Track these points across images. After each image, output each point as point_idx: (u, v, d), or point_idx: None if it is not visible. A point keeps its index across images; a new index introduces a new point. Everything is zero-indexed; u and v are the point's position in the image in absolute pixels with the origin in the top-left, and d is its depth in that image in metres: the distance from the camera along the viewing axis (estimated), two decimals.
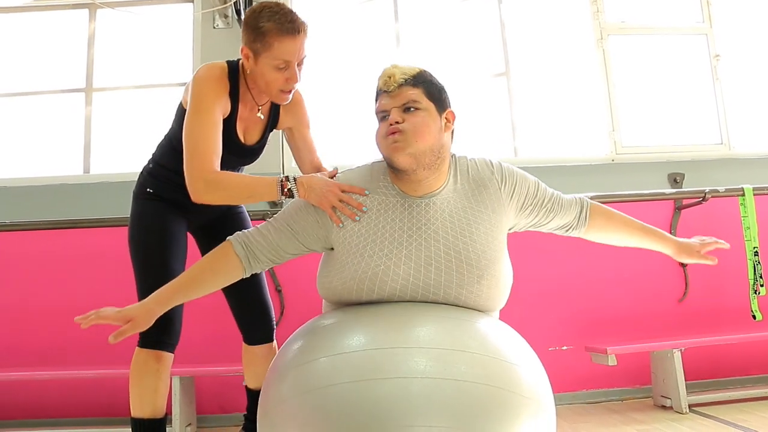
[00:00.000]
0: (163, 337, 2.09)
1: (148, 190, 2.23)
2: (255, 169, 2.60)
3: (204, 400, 3.44)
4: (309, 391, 1.50)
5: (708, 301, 3.68)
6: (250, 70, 2.05)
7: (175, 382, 3.08)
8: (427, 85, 1.81)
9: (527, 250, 3.22)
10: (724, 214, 3.67)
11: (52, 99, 4.30)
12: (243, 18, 2.06)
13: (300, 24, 1.99)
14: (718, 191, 3.59)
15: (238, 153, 2.19)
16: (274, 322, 2.37)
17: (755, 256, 3.47)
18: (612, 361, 3.13)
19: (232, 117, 2.11)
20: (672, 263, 3.67)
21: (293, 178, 1.89)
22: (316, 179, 1.87)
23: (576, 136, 4.32)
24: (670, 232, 3.64)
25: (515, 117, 4.29)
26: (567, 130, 4.34)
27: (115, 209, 3.54)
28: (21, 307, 3.52)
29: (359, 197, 1.83)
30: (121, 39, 4.36)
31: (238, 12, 3.98)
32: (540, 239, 2.35)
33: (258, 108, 2.19)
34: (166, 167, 2.21)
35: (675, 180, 4.07)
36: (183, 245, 2.22)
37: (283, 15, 1.96)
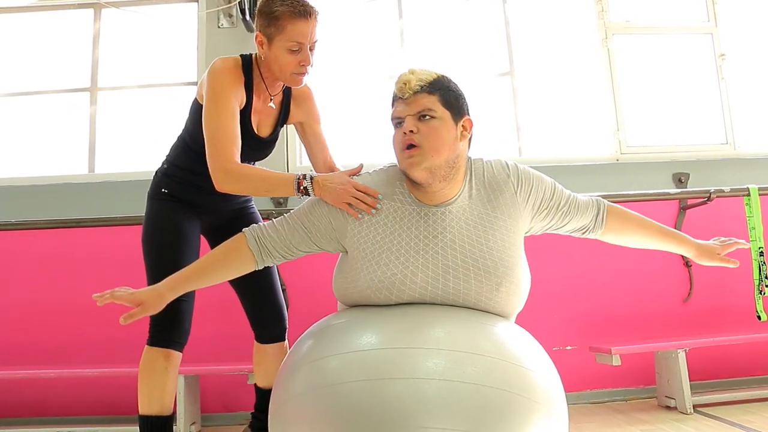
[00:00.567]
0: (173, 336, 2.11)
1: (162, 190, 2.25)
2: (264, 166, 2.61)
3: (208, 398, 3.44)
4: (322, 388, 1.50)
5: (713, 302, 3.67)
6: (264, 56, 2.11)
7: (180, 380, 3.08)
8: (444, 92, 1.78)
9: (531, 250, 3.21)
10: (729, 214, 3.67)
11: (57, 98, 4.30)
12: (257, 7, 2.12)
13: (312, 8, 2.06)
14: (723, 191, 3.58)
15: (252, 145, 2.21)
16: (286, 321, 2.38)
17: (760, 256, 3.46)
18: (616, 362, 3.13)
19: (247, 109, 2.15)
20: (676, 263, 3.66)
21: (310, 176, 1.91)
22: (331, 178, 1.90)
23: (580, 135, 4.32)
24: None
25: (519, 116, 4.28)
26: (571, 129, 4.33)
27: (120, 208, 3.55)
28: (26, 306, 3.53)
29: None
30: (126, 38, 4.36)
31: (242, 11, 3.98)
32: (544, 239, 2.35)
33: (270, 98, 2.22)
34: (180, 167, 2.24)
35: (680, 180, 4.06)
36: (196, 247, 2.24)
37: (296, 0, 2.03)
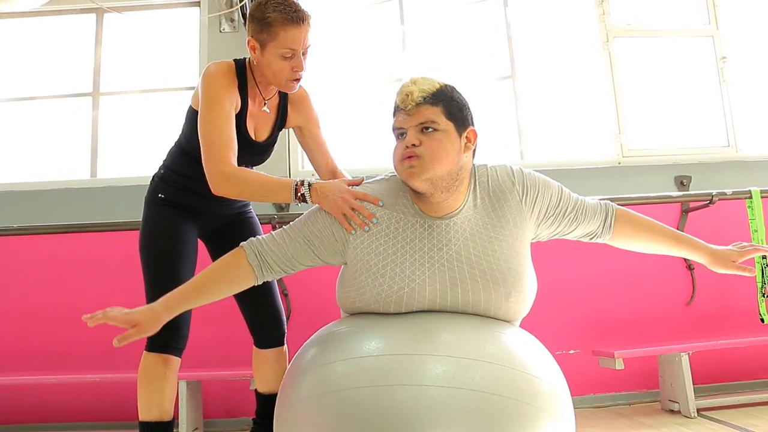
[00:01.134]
0: (171, 341, 2.10)
1: (159, 195, 2.25)
2: (263, 171, 2.61)
3: (211, 404, 3.44)
4: (327, 393, 1.50)
5: (716, 305, 3.66)
6: (257, 61, 2.09)
7: (182, 386, 3.08)
8: (447, 103, 1.73)
9: (534, 254, 3.21)
10: (731, 216, 3.66)
11: (59, 103, 4.31)
12: (249, 12, 2.11)
13: (304, 13, 2.03)
14: (725, 194, 3.57)
15: (248, 150, 2.20)
16: (285, 326, 2.37)
17: (763, 259, 3.45)
18: (619, 365, 3.12)
19: (242, 113, 2.14)
20: (679, 266, 3.66)
21: (308, 183, 1.89)
22: (329, 185, 1.87)
23: (582, 138, 4.31)
24: None
25: (521, 120, 4.28)
26: (573, 132, 4.33)
27: (122, 213, 3.56)
28: (28, 311, 3.53)
29: (373, 208, 1.79)
30: (128, 43, 4.37)
31: (244, 16, 3.99)
32: (547, 243, 2.34)
33: (265, 102, 2.21)
34: (177, 172, 2.23)
35: (682, 183, 4.06)
36: (193, 252, 2.23)
37: (288, 5, 2.01)
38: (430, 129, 1.70)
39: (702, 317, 3.65)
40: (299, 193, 1.89)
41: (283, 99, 2.28)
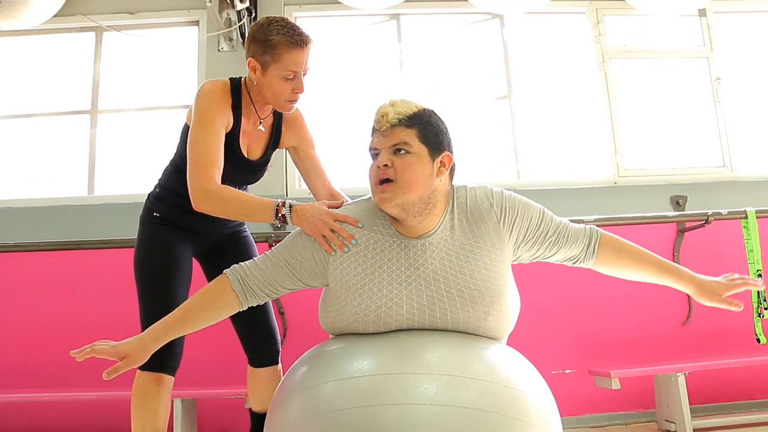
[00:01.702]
0: (164, 360, 2.09)
1: (154, 214, 2.25)
2: (258, 191, 2.61)
3: (206, 422, 3.42)
4: (316, 415, 1.50)
5: (712, 325, 3.66)
6: (257, 81, 2.11)
7: (177, 404, 3.07)
8: (423, 127, 1.73)
9: (529, 273, 3.21)
10: (727, 236, 3.67)
11: (57, 120, 4.33)
12: (248, 32, 2.12)
13: (307, 37, 2.07)
14: (720, 214, 3.58)
15: (240, 168, 2.21)
16: (279, 345, 2.37)
17: (759, 278, 3.46)
18: (615, 385, 3.11)
19: (234, 131, 2.15)
20: None
21: (289, 204, 1.90)
22: (309, 207, 1.88)
23: (578, 159, 4.34)
24: (673, 254, 3.64)
25: (518, 140, 4.30)
26: (569, 153, 4.35)
27: (119, 231, 3.56)
28: (23, 329, 3.52)
29: (352, 229, 1.81)
30: (127, 62, 4.40)
31: (243, 35, 4.02)
32: (542, 262, 2.35)
33: (260, 121, 2.22)
34: (172, 191, 2.24)
35: (677, 203, 4.08)
36: (188, 271, 2.23)
37: (291, 28, 2.05)
38: (402, 151, 1.71)
39: (698, 337, 3.64)
40: (280, 214, 1.90)
41: (278, 119, 2.30)
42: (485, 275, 1.75)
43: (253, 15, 4.01)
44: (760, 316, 3.45)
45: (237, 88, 2.17)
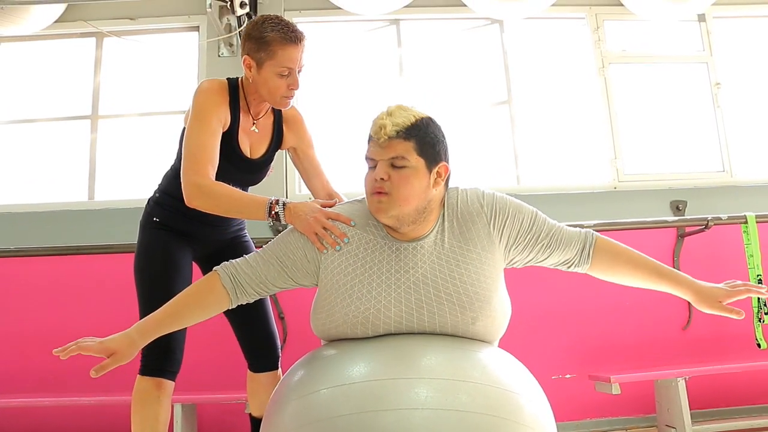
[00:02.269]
0: (164, 365, 2.10)
1: (154, 219, 2.25)
2: (259, 193, 2.61)
3: (206, 427, 3.41)
4: (311, 423, 1.50)
5: (712, 329, 3.65)
6: (252, 79, 2.12)
7: (177, 409, 3.06)
8: (420, 139, 1.71)
9: (529, 277, 3.21)
10: (727, 241, 3.67)
11: (58, 126, 4.34)
12: (244, 30, 2.14)
13: (301, 33, 2.09)
14: (720, 219, 3.58)
15: (240, 167, 2.21)
16: (279, 350, 2.37)
17: (759, 284, 3.46)
18: (616, 390, 3.10)
19: (233, 129, 2.16)
20: None
21: (283, 202, 1.91)
22: (302, 205, 1.89)
23: (578, 164, 4.34)
24: (673, 259, 3.64)
25: (517, 145, 4.31)
26: (569, 158, 4.36)
27: (120, 236, 3.56)
28: (24, 333, 3.51)
29: (345, 227, 1.81)
30: (127, 67, 4.41)
31: None
32: (542, 267, 2.35)
33: (254, 122, 2.23)
34: (172, 195, 2.24)
35: (677, 207, 4.08)
36: (188, 275, 2.24)
37: (285, 25, 2.07)
38: (399, 164, 1.69)
39: (698, 342, 3.64)
40: (273, 212, 1.91)
41: (278, 118, 2.31)
42: (475, 279, 1.75)
43: None
44: (760, 320, 3.44)
45: (234, 87, 2.18)
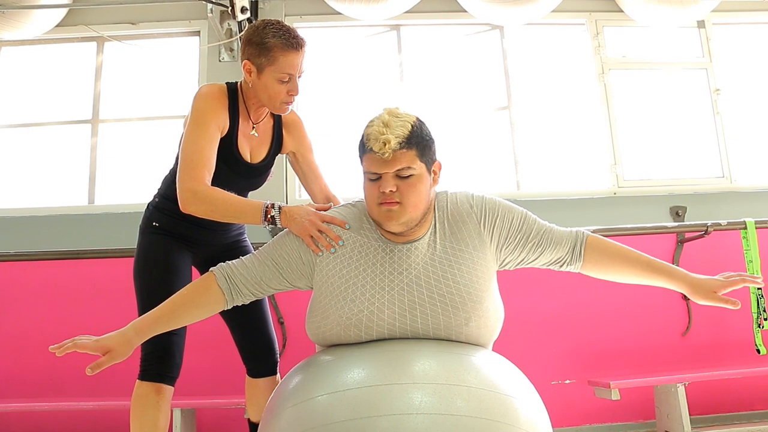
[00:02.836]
0: (164, 370, 2.09)
1: (154, 224, 2.25)
2: (259, 198, 2.61)
3: None
4: (307, 430, 1.50)
5: (711, 335, 3.65)
6: (252, 84, 2.12)
7: (177, 414, 3.06)
8: (420, 144, 1.72)
9: (529, 282, 3.22)
10: (726, 247, 3.67)
11: (58, 130, 4.35)
12: (245, 35, 2.13)
13: (301, 40, 2.09)
14: (720, 224, 3.58)
15: (240, 171, 2.21)
16: (278, 355, 2.37)
17: (758, 289, 3.46)
18: (615, 396, 3.10)
19: (232, 134, 2.16)
20: (675, 296, 3.65)
21: (278, 206, 1.92)
22: (297, 209, 1.90)
23: (578, 169, 4.35)
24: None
25: (517, 151, 4.32)
26: (569, 163, 4.37)
27: (120, 240, 3.56)
28: (23, 337, 3.51)
29: (339, 231, 1.82)
30: (128, 71, 4.42)
31: None
32: (540, 270, 2.35)
33: (253, 127, 2.23)
34: (171, 200, 2.23)
35: (677, 213, 4.08)
36: (187, 280, 2.22)
37: (286, 31, 2.07)
38: (406, 174, 1.70)
39: (698, 348, 3.63)
40: (269, 215, 1.92)
41: (278, 123, 2.31)
42: (467, 279, 1.76)
43: None
44: (759, 326, 3.45)
45: (234, 92, 2.18)
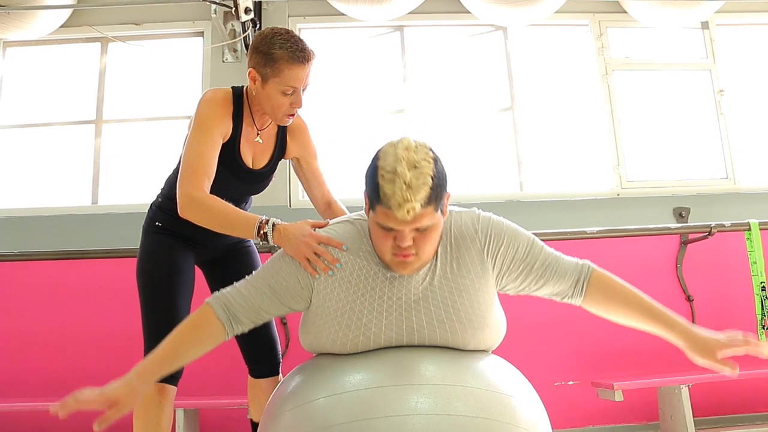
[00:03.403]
0: None
1: (157, 224, 2.25)
2: (261, 202, 2.62)
3: None
4: None
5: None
6: (256, 92, 2.10)
7: (179, 414, 3.06)
8: (437, 196, 1.57)
9: None
10: (730, 248, 3.66)
11: (62, 130, 4.35)
12: (251, 42, 2.10)
13: (309, 53, 2.04)
14: (723, 226, 3.58)
15: (242, 177, 2.20)
16: (280, 356, 2.37)
17: (762, 291, 3.45)
18: (618, 397, 3.10)
19: (235, 139, 2.14)
20: (678, 298, 3.65)
21: (273, 223, 1.87)
22: (293, 228, 1.83)
23: (581, 170, 4.35)
24: (675, 266, 3.63)
25: (521, 152, 4.31)
26: (572, 164, 4.36)
27: (123, 240, 3.56)
28: (28, 337, 3.52)
29: (337, 252, 1.74)
30: (132, 72, 4.42)
31: (247, 46, 4.04)
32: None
33: (257, 133, 2.21)
34: (174, 200, 2.22)
35: (680, 214, 4.07)
36: (190, 280, 2.23)
37: (294, 43, 2.02)
38: (424, 228, 1.60)
39: None
40: (262, 231, 1.87)
41: (282, 128, 2.29)
42: (468, 306, 1.70)
43: (258, 26, 4.03)
44: (764, 328, 3.44)
45: (239, 97, 2.16)
